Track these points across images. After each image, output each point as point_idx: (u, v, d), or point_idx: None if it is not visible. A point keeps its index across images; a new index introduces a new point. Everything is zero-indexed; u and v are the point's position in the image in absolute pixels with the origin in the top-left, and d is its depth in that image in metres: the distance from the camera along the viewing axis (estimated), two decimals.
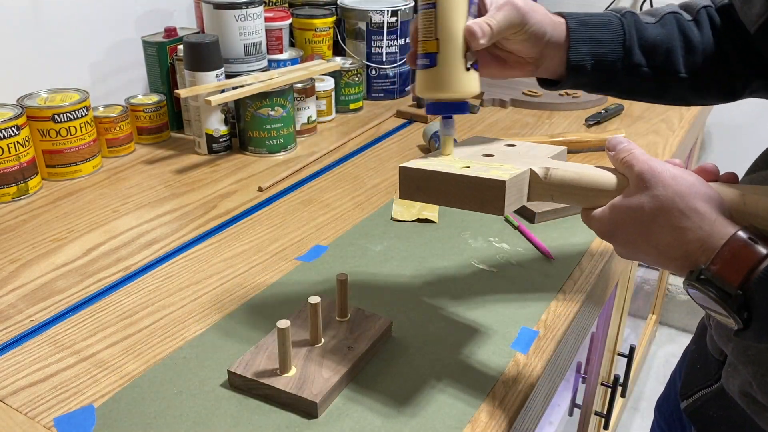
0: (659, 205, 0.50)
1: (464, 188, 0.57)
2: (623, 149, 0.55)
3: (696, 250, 0.48)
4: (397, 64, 1.38)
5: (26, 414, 0.61)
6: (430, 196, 0.60)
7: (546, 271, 0.83)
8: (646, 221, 0.51)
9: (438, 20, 0.63)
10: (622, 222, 0.53)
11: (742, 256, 0.46)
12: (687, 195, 0.49)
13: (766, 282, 0.45)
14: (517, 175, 0.56)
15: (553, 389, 0.75)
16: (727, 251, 0.46)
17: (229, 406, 0.62)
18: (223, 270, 0.83)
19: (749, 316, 0.46)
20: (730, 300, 0.46)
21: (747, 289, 0.45)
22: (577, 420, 1.41)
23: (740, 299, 0.46)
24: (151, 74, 1.21)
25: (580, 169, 0.57)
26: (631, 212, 0.52)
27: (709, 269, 0.47)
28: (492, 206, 0.56)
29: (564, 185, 0.57)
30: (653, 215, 0.50)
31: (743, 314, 0.46)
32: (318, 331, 0.67)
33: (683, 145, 1.27)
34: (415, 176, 0.60)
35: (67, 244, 0.88)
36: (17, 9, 1.07)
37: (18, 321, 0.74)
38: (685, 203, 0.49)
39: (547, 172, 0.58)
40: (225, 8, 1.13)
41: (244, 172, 1.09)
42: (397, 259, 0.85)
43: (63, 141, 1.02)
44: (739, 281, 0.46)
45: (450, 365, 0.68)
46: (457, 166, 0.60)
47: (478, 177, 0.56)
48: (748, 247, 0.46)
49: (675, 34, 0.68)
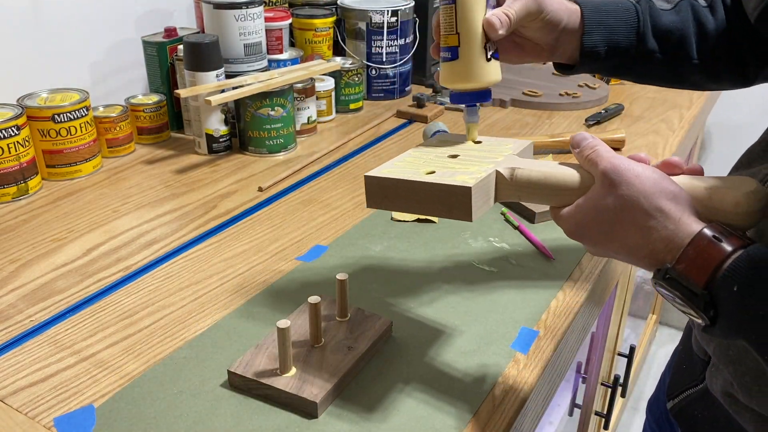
0: (624, 205, 0.50)
1: (431, 195, 0.57)
2: (587, 146, 0.54)
3: (662, 249, 0.48)
4: (397, 64, 1.38)
5: (26, 414, 0.61)
6: (397, 204, 0.59)
7: (546, 271, 0.83)
8: (611, 221, 0.51)
9: (458, 15, 0.64)
10: (588, 222, 0.52)
11: (706, 254, 0.46)
12: (651, 194, 0.49)
13: (730, 280, 0.45)
14: (482, 180, 0.56)
15: (553, 389, 0.75)
16: (692, 250, 0.46)
17: (229, 406, 0.62)
18: (223, 270, 0.83)
19: (716, 314, 0.46)
20: (696, 299, 0.46)
21: (712, 288, 0.45)
22: (577, 420, 1.41)
23: (706, 297, 0.46)
24: (151, 74, 1.21)
25: (546, 168, 0.57)
26: (597, 212, 0.52)
27: (675, 268, 0.47)
28: (459, 212, 0.56)
29: (530, 185, 0.57)
30: (618, 215, 0.50)
31: (710, 312, 0.46)
32: (318, 331, 0.67)
33: (683, 145, 1.27)
34: (380, 184, 0.59)
35: (67, 244, 0.88)
36: (17, 9, 1.07)
37: (18, 321, 0.74)
38: (650, 202, 0.49)
39: (513, 172, 0.57)
40: (225, 8, 1.13)
41: (244, 172, 1.09)
42: (397, 259, 0.85)
43: (63, 141, 1.02)
44: (704, 280, 0.46)
45: (450, 365, 0.68)
46: (422, 171, 0.59)
47: (443, 184, 0.56)
48: (713, 246, 0.46)
49: (689, 21, 0.68)
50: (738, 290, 0.44)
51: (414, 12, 1.39)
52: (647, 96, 1.45)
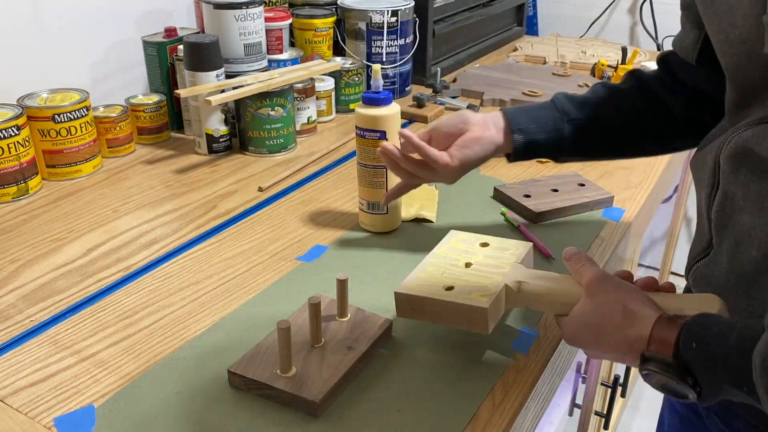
0: (603, 310, 0.59)
1: (452, 311, 0.66)
2: (577, 261, 0.65)
3: (637, 340, 0.56)
4: (397, 64, 1.38)
5: (26, 414, 0.61)
6: (423, 315, 0.68)
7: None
8: (595, 324, 0.60)
9: None
10: (579, 329, 0.61)
11: (667, 331, 0.54)
12: (625, 300, 0.58)
13: (688, 341, 0.53)
14: (495, 299, 0.65)
15: (553, 389, 0.75)
16: (656, 332, 0.55)
17: (229, 406, 0.62)
18: (223, 270, 0.83)
19: (695, 381, 0.53)
20: (671, 369, 0.53)
21: (679, 356, 0.53)
22: (577, 420, 1.41)
23: (679, 365, 0.53)
24: (151, 74, 1.21)
25: (548, 282, 0.66)
26: (583, 319, 0.61)
27: (648, 350, 0.55)
28: (478, 326, 0.65)
29: (534, 297, 0.66)
30: (600, 319, 0.59)
31: (688, 380, 0.53)
32: (318, 331, 0.67)
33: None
34: (408, 299, 0.68)
35: (67, 244, 0.88)
36: (17, 9, 1.07)
37: (18, 321, 0.74)
38: (623, 306, 0.58)
39: (520, 286, 0.67)
40: (225, 8, 1.13)
41: (244, 172, 1.09)
42: (397, 259, 0.85)
43: (63, 141, 1.02)
44: (671, 351, 0.54)
45: (450, 365, 0.68)
46: (442, 286, 0.68)
47: (463, 304, 0.65)
48: (671, 323, 0.55)
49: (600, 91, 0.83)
50: (696, 346, 0.52)
51: (414, 12, 1.39)
52: None
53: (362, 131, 0.86)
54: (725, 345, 0.51)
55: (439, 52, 1.54)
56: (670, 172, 1.19)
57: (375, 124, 0.85)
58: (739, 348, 0.50)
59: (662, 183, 1.13)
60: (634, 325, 0.56)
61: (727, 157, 0.61)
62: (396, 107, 0.86)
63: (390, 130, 0.85)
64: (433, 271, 0.71)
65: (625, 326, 0.57)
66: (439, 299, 0.66)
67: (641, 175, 1.09)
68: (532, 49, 1.74)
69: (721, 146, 0.62)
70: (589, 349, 0.62)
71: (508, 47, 1.82)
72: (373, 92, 0.85)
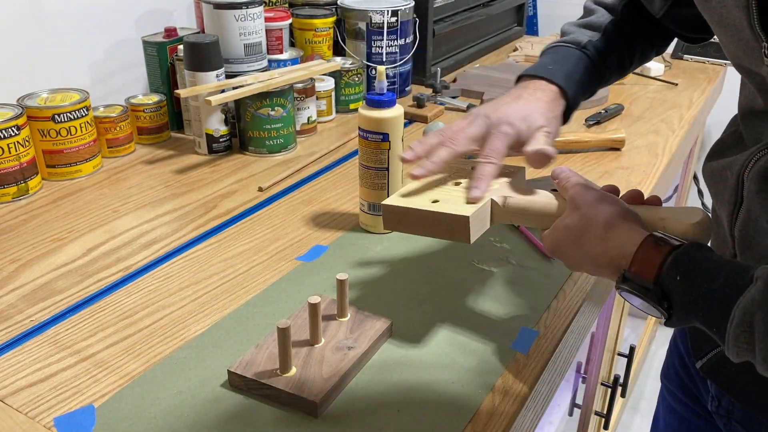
0: (585, 222, 0.59)
1: (436, 222, 0.66)
2: (563, 177, 0.65)
3: (617, 256, 0.56)
4: (397, 64, 1.38)
5: (26, 414, 0.61)
6: (409, 227, 0.69)
7: (546, 271, 0.83)
8: (577, 236, 0.59)
9: None
10: (561, 239, 0.61)
11: (652, 255, 0.54)
12: (608, 213, 0.58)
13: (673, 272, 0.52)
14: (479, 209, 0.65)
15: (553, 389, 0.75)
16: (641, 253, 0.54)
17: (229, 406, 0.62)
18: (223, 270, 0.83)
19: (669, 305, 0.53)
20: (649, 293, 0.53)
21: (661, 282, 0.53)
22: (577, 420, 1.41)
23: (657, 291, 0.53)
24: (151, 74, 1.21)
25: (534, 196, 0.67)
26: (566, 230, 0.61)
27: (630, 271, 0.55)
28: (460, 236, 0.66)
29: (520, 211, 0.67)
30: (582, 230, 0.59)
31: (664, 304, 0.53)
32: (318, 331, 0.67)
33: (683, 145, 1.27)
34: (394, 211, 0.69)
35: (67, 244, 0.88)
36: (17, 9, 1.07)
37: (18, 321, 0.74)
38: (606, 219, 0.57)
39: (505, 200, 0.67)
40: (225, 8, 1.13)
41: (244, 172, 1.09)
42: (397, 259, 0.85)
43: (63, 141, 1.02)
44: (653, 276, 0.53)
45: (450, 365, 0.68)
46: (429, 200, 0.68)
47: (446, 213, 0.65)
48: (657, 248, 0.54)
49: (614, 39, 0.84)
50: (680, 279, 0.52)
51: (414, 12, 1.39)
52: (647, 96, 1.45)
53: (365, 133, 0.86)
54: (709, 287, 0.50)
55: (439, 52, 1.54)
56: (670, 172, 1.19)
57: (378, 126, 0.85)
58: (722, 293, 0.50)
59: (662, 183, 1.13)
60: (615, 239, 0.56)
61: (754, 176, 0.60)
62: (399, 109, 0.86)
63: (393, 133, 0.85)
64: (422, 187, 0.72)
65: (606, 239, 0.57)
66: (422, 209, 0.67)
67: (641, 175, 1.09)
68: (532, 49, 1.74)
69: (746, 163, 0.61)
70: (568, 260, 0.62)
71: (508, 47, 1.82)
72: (376, 94, 0.85)
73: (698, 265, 0.52)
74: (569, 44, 0.82)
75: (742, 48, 0.57)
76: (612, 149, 1.17)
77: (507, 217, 0.68)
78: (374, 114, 0.85)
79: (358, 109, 0.87)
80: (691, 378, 0.82)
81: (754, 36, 0.54)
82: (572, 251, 0.60)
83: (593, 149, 1.17)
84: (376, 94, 0.85)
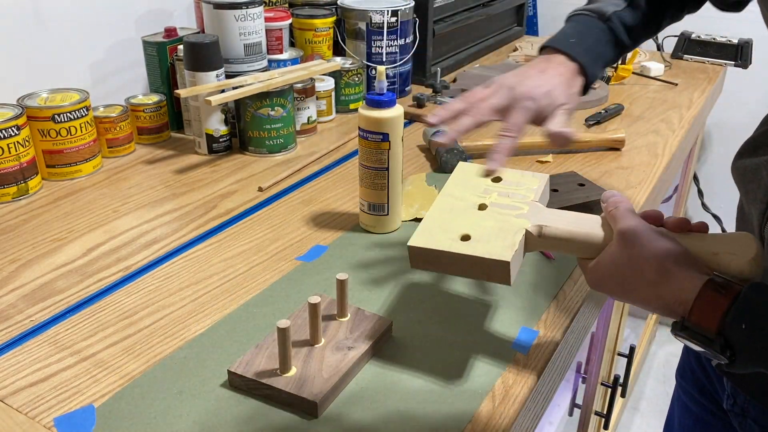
0: (636, 264, 0.56)
1: (471, 264, 0.62)
2: (611, 203, 0.61)
3: (673, 302, 0.54)
4: (397, 64, 1.38)
5: (26, 414, 0.61)
6: (439, 268, 0.64)
7: (546, 271, 0.83)
8: (625, 276, 0.57)
9: None
10: (607, 276, 0.59)
11: (713, 305, 0.51)
12: (661, 256, 0.55)
13: (737, 321, 0.50)
14: (517, 249, 0.61)
15: (553, 389, 0.75)
16: (700, 302, 0.52)
17: (229, 406, 0.62)
18: (223, 270, 0.83)
19: (732, 353, 0.51)
20: (712, 344, 0.51)
21: (724, 331, 0.51)
22: (577, 420, 1.41)
23: (720, 341, 0.51)
24: (151, 74, 1.21)
25: (571, 225, 0.62)
26: (614, 268, 0.58)
27: (690, 320, 0.52)
28: (499, 278, 0.61)
29: (557, 241, 0.63)
30: (631, 272, 0.56)
31: (726, 353, 0.51)
32: (318, 331, 0.67)
33: (683, 145, 1.27)
34: (422, 253, 0.64)
35: (67, 244, 0.88)
36: (17, 9, 1.07)
37: (18, 321, 0.74)
38: (659, 264, 0.54)
39: (541, 230, 0.63)
40: (225, 8, 1.13)
41: (244, 172, 1.09)
42: (397, 258, 0.85)
43: (63, 141, 1.02)
44: (716, 327, 0.51)
45: (450, 365, 0.68)
46: (458, 235, 0.63)
47: (483, 258, 0.61)
48: (718, 296, 0.51)
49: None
50: (745, 328, 0.49)
51: (414, 12, 1.39)
52: (647, 96, 1.45)
53: (365, 133, 0.86)
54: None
55: (439, 52, 1.54)
56: (670, 172, 1.19)
57: (378, 126, 0.85)
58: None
59: (662, 183, 1.13)
60: (670, 284, 0.54)
61: None
62: (399, 109, 0.86)
63: (393, 133, 0.85)
64: (446, 215, 0.67)
65: (659, 284, 0.54)
66: (456, 252, 0.62)
67: (641, 175, 1.09)
68: (532, 49, 1.74)
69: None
70: (615, 296, 0.60)
71: (508, 47, 1.82)
72: (376, 94, 0.85)
73: (765, 312, 0.50)
74: (593, 14, 0.81)
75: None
76: (612, 149, 1.17)
77: (542, 246, 0.64)
78: (374, 114, 0.85)
79: (358, 109, 0.87)
80: (707, 376, 0.81)
81: None
82: (618, 290, 0.58)
83: (593, 149, 1.17)
84: (376, 94, 0.85)
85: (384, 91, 0.85)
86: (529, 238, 0.63)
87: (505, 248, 0.61)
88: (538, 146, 1.13)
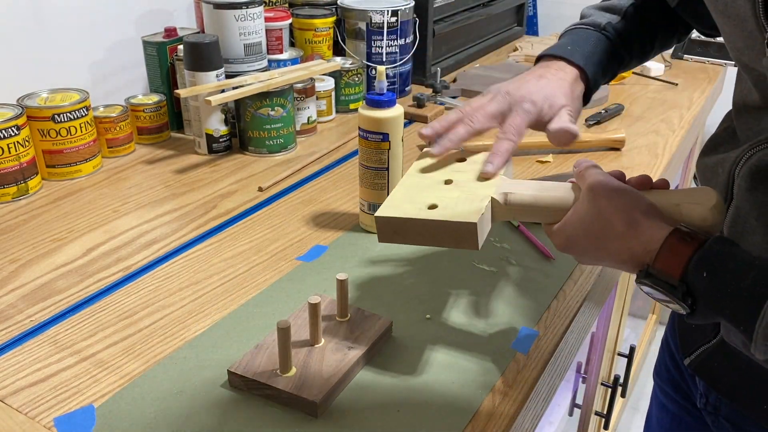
0: (605, 215, 0.56)
1: (438, 230, 0.62)
2: (582, 166, 0.61)
3: (640, 252, 0.55)
4: (397, 64, 1.38)
5: (26, 414, 0.61)
6: (407, 238, 0.64)
7: (546, 271, 0.83)
8: (595, 230, 0.57)
9: None
10: (575, 233, 0.59)
11: (677, 252, 0.53)
12: (629, 207, 0.56)
13: (699, 268, 0.51)
14: (483, 212, 0.62)
15: (553, 389, 0.75)
16: (665, 250, 0.53)
17: (229, 406, 0.62)
18: (223, 270, 0.83)
19: (693, 301, 0.52)
20: (675, 290, 0.52)
21: (686, 278, 0.52)
22: (577, 420, 1.41)
23: (683, 288, 0.52)
24: (151, 74, 1.21)
25: (535, 190, 0.63)
26: (582, 223, 0.58)
27: (654, 267, 0.54)
28: (467, 243, 0.62)
29: (523, 207, 0.63)
30: (601, 224, 0.57)
31: (688, 300, 0.52)
32: (318, 331, 0.67)
33: (683, 145, 1.27)
34: (390, 223, 0.63)
35: (67, 244, 0.88)
36: (17, 9, 1.07)
37: (18, 321, 0.74)
38: (627, 214, 0.55)
39: (506, 197, 0.64)
40: (225, 8, 1.13)
41: (244, 172, 1.09)
42: (397, 258, 0.85)
43: (63, 141, 1.02)
44: (679, 273, 0.52)
45: (450, 365, 0.68)
46: (425, 205, 0.63)
47: (450, 221, 0.61)
48: (682, 244, 0.53)
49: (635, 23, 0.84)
50: (707, 276, 0.51)
51: (414, 12, 1.39)
52: (647, 96, 1.45)
53: (365, 133, 0.86)
54: (737, 285, 0.49)
55: (439, 52, 1.54)
56: (670, 172, 1.19)
57: (378, 126, 0.85)
58: (752, 290, 0.48)
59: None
60: (639, 236, 0.54)
61: (745, 174, 0.59)
62: (399, 109, 0.86)
63: (393, 133, 0.85)
64: (413, 190, 0.67)
65: (629, 236, 0.55)
66: (423, 218, 0.62)
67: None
68: (532, 49, 1.74)
69: (738, 160, 0.60)
70: (582, 255, 0.60)
71: (508, 47, 1.82)
72: (376, 94, 0.85)
73: (726, 262, 0.50)
74: (588, 26, 0.82)
75: (743, 39, 0.57)
76: (612, 149, 1.17)
77: (509, 214, 0.64)
78: (374, 114, 0.85)
79: (358, 109, 0.87)
80: (681, 375, 0.82)
81: (758, 26, 0.53)
82: (587, 245, 0.58)
83: (593, 149, 1.17)
84: (376, 94, 0.85)
85: (384, 91, 0.85)
86: (495, 205, 0.64)
87: (471, 212, 0.61)
88: (539, 146, 1.13)
